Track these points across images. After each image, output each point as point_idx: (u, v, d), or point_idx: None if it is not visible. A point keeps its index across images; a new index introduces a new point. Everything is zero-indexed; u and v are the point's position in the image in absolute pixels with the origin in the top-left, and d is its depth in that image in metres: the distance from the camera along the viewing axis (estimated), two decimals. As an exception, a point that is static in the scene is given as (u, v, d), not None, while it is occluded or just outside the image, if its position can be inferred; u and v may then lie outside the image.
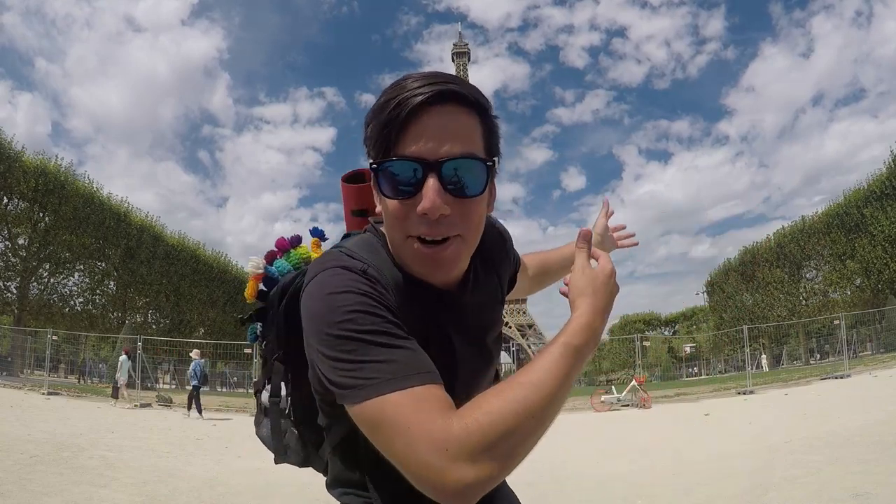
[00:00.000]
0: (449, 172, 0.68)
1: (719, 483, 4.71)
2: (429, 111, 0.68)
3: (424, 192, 0.68)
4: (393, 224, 0.72)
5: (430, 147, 0.68)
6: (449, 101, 0.69)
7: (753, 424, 8.29)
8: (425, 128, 0.68)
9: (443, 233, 0.70)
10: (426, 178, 0.68)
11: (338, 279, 0.68)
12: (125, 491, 4.63)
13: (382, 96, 0.71)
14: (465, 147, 0.69)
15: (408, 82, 0.69)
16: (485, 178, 0.71)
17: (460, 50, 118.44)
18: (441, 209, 0.68)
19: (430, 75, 0.70)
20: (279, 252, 1.02)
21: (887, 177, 25.92)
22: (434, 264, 0.72)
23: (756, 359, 26.48)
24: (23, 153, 24.09)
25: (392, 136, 0.68)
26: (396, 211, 0.70)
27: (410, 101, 0.67)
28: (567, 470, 5.94)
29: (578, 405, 14.79)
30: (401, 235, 0.71)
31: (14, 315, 23.75)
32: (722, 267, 38.34)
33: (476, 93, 0.72)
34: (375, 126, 0.70)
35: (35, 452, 5.82)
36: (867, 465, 4.56)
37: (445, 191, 0.68)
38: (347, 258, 0.72)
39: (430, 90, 0.67)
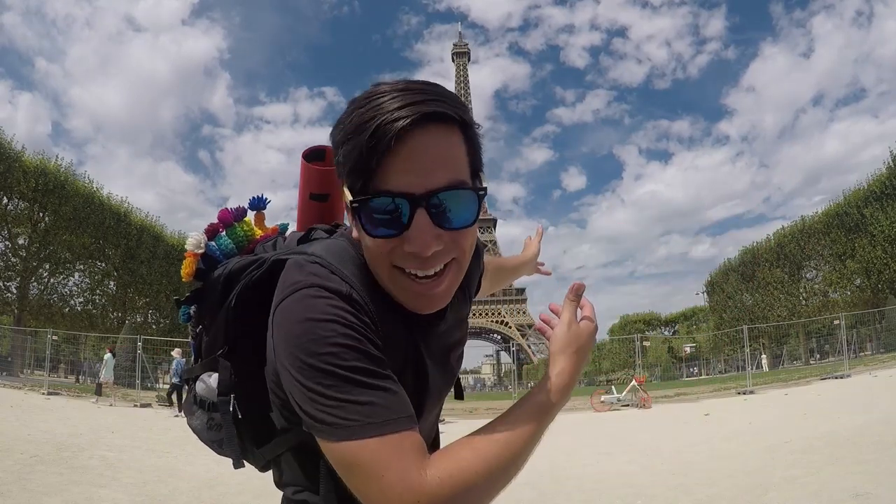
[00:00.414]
0: (438, 205, 0.63)
1: (719, 483, 4.71)
2: (412, 136, 0.60)
3: (413, 231, 0.62)
4: (377, 259, 0.66)
5: (416, 178, 0.62)
6: (432, 122, 0.62)
7: (753, 424, 8.29)
8: (409, 156, 0.61)
9: (435, 266, 0.65)
10: (413, 214, 0.62)
11: (321, 304, 0.62)
12: (125, 491, 4.63)
13: (356, 114, 0.63)
14: (453, 174, 0.64)
15: (384, 101, 0.62)
16: (476, 206, 0.66)
17: (460, 50, 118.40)
18: (432, 248, 0.63)
19: (407, 90, 0.63)
20: (221, 226, 0.93)
21: (887, 177, 25.93)
22: (427, 300, 0.67)
23: (756, 359, 26.48)
24: (23, 153, 24.10)
25: (372, 167, 0.61)
26: (382, 248, 0.64)
27: (391, 126, 0.59)
28: (567, 470, 5.94)
29: (578, 405, 14.80)
30: (387, 270, 0.66)
31: (14, 315, 23.75)
32: (722, 267, 38.35)
33: (460, 108, 0.65)
34: (350, 152, 0.63)
35: (35, 452, 5.82)
36: (867, 465, 4.56)
37: (435, 224, 0.63)
38: (330, 275, 0.66)
39: (412, 112, 0.60)
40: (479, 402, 18.35)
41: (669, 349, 43.36)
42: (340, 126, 0.65)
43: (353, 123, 0.63)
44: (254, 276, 0.76)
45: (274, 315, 0.66)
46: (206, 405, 0.85)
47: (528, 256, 1.34)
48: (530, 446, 0.66)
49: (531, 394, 0.71)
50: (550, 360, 0.76)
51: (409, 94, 0.62)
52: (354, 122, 0.62)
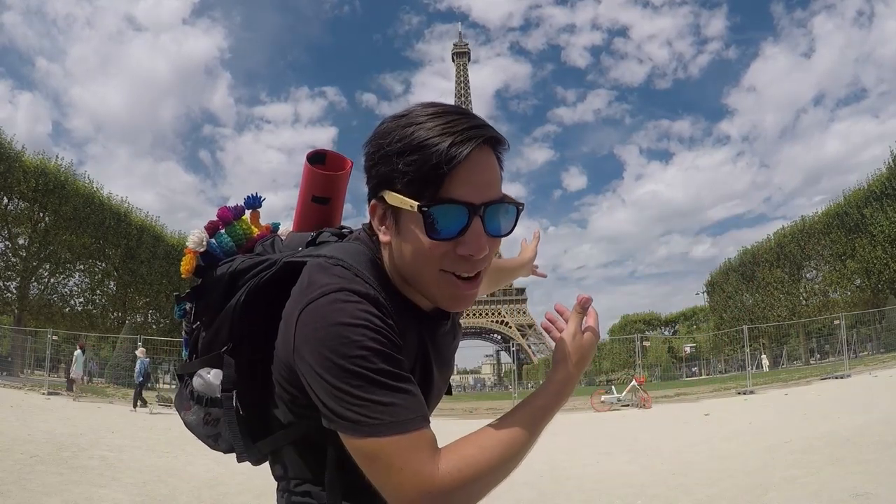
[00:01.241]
0: (489, 214, 0.72)
1: (719, 483, 4.71)
2: (475, 155, 0.70)
3: (470, 235, 0.71)
4: (427, 261, 0.73)
5: (475, 191, 0.71)
6: (486, 145, 0.72)
7: (753, 424, 8.30)
8: (470, 171, 0.70)
9: (478, 269, 0.75)
10: (471, 221, 0.71)
11: (351, 308, 0.67)
12: (125, 491, 4.63)
13: (414, 131, 0.70)
14: (498, 189, 0.74)
15: (441, 122, 0.70)
16: (515, 219, 0.76)
17: (460, 50, 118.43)
18: (485, 252, 0.73)
19: (459, 114, 0.72)
20: (221, 224, 0.95)
21: (887, 177, 25.91)
22: (463, 300, 0.76)
23: (756, 359, 26.48)
24: (23, 153, 24.09)
25: (440, 179, 0.69)
26: (436, 249, 0.71)
27: (462, 146, 0.68)
28: (567, 470, 5.94)
29: (578, 405, 14.80)
30: (434, 272, 0.73)
31: (14, 315, 23.75)
32: (722, 267, 38.37)
33: (505, 139, 0.76)
34: (414, 164, 0.69)
35: (35, 452, 5.82)
36: (867, 465, 4.57)
37: (485, 232, 0.72)
38: (354, 278, 0.71)
39: (477, 134, 0.70)
40: (479, 402, 18.35)
41: (669, 349, 43.34)
42: (390, 137, 0.71)
43: (417, 140, 0.69)
44: (264, 276, 0.80)
45: (300, 316, 0.69)
46: (204, 401, 0.87)
47: (525, 259, 1.38)
48: (528, 446, 0.73)
49: (533, 397, 0.78)
50: (553, 367, 0.83)
51: (465, 119, 0.72)
52: (419, 138, 0.69)
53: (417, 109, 0.73)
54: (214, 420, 0.88)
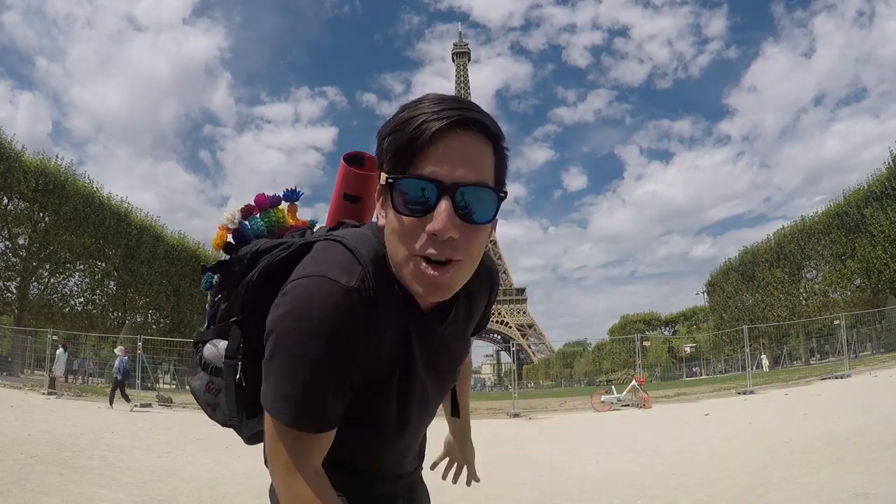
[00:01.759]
0: (461, 197, 0.70)
1: (719, 483, 4.71)
2: (449, 135, 0.70)
3: (436, 213, 0.69)
4: (400, 240, 0.72)
5: (447, 170, 0.70)
6: (469, 128, 0.71)
7: (753, 424, 8.29)
8: (444, 151, 0.70)
9: (448, 255, 0.71)
10: (440, 199, 0.69)
11: (318, 300, 0.71)
12: (125, 491, 4.63)
13: (402, 113, 0.72)
14: (479, 175, 0.72)
15: (428, 104, 0.71)
16: (494, 208, 0.74)
17: (460, 50, 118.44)
18: (451, 231, 0.69)
19: (451, 99, 0.72)
20: (256, 209, 1.01)
21: (887, 177, 25.92)
22: (434, 286, 0.73)
23: (756, 359, 26.48)
24: (23, 153, 24.09)
25: (411, 155, 0.70)
26: (406, 227, 0.71)
27: (433, 122, 0.69)
28: (567, 470, 5.94)
29: (578, 405, 14.81)
30: (405, 253, 0.72)
31: (14, 315, 23.73)
32: (722, 267, 38.38)
33: (494, 124, 0.74)
34: (393, 141, 0.71)
35: (35, 452, 5.82)
36: (867, 465, 4.56)
37: (456, 214, 0.70)
38: (345, 265, 0.74)
39: (453, 114, 0.70)
40: (479, 402, 18.34)
41: (669, 349, 43.37)
42: (387, 123, 0.74)
43: (400, 119, 0.72)
44: (279, 255, 0.84)
45: (285, 288, 0.74)
46: (210, 368, 0.93)
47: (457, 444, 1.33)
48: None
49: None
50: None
51: (453, 102, 0.72)
52: (400, 118, 0.71)
53: (424, 96, 0.74)
54: (216, 390, 0.93)
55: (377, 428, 0.84)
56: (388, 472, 0.96)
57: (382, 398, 0.82)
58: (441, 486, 1.34)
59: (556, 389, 38.43)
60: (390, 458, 0.95)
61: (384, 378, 0.80)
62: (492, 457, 6.84)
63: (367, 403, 0.81)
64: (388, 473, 0.96)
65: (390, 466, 0.96)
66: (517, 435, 9.82)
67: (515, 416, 13.71)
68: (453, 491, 1.55)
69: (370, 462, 0.92)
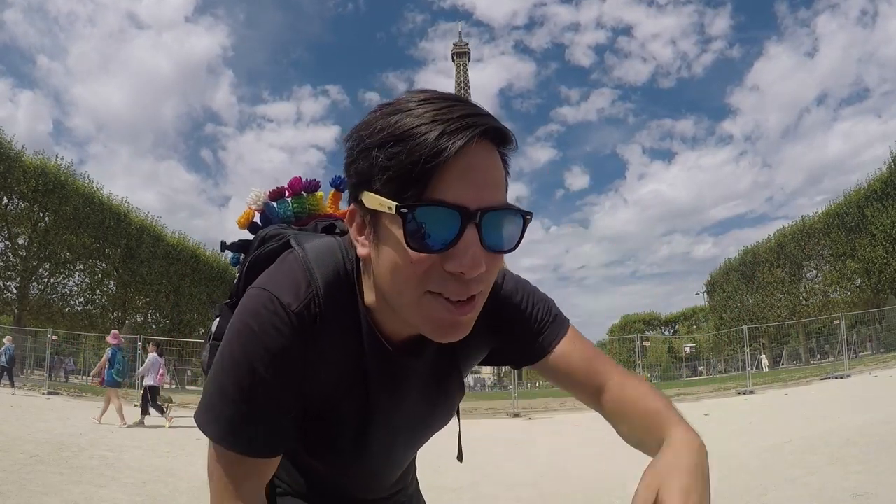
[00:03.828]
0: (487, 223, 0.58)
1: (719, 483, 4.70)
2: (470, 150, 0.57)
3: (462, 246, 0.57)
4: (408, 279, 0.60)
5: (472, 194, 0.57)
6: (486, 139, 0.59)
7: (753, 424, 8.29)
8: (467, 170, 0.57)
9: (472, 291, 0.60)
10: (464, 229, 0.57)
11: (262, 319, 0.65)
12: (125, 491, 4.63)
13: (399, 119, 0.58)
14: (501, 194, 0.61)
15: (431, 109, 0.58)
16: (521, 232, 0.63)
17: (460, 50, 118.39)
18: (481, 268, 0.59)
19: (456, 102, 0.59)
20: (289, 191, 0.97)
21: (888, 176, 25.90)
22: (452, 328, 0.62)
23: (756, 358, 26.47)
24: (23, 153, 24.08)
25: (426, 176, 0.56)
26: (418, 264, 0.58)
27: (456, 137, 0.55)
28: (567, 470, 5.94)
29: (578, 405, 14.74)
30: (414, 293, 0.60)
31: (14, 315, 23.70)
32: (722, 267, 38.35)
33: (512, 133, 0.62)
34: (393, 157, 0.57)
35: (35, 452, 5.82)
36: (867, 465, 4.56)
37: (482, 245, 0.58)
38: (294, 284, 0.67)
39: (476, 125, 0.57)
40: (478, 402, 18.34)
41: (669, 349, 43.37)
42: (372, 128, 0.59)
43: (400, 129, 0.57)
44: (268, 247, 0.82)
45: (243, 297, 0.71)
46: (209, 339, 0.92)
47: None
48: None
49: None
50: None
51: (462, 106, 0.59)
52: (403, 126, 0.57)
53: (407, 96, 0.61)
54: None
55: (336, 456, 0.80)
56: (359, 495, 0.94)
57: (338, 428, 0.76)
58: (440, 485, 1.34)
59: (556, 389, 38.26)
60: (359, 483, 0.91)
61: (335, 408, 0.74)
62: (492, 457, 6.84)
63: (322, 433, 0.76)
64: (360, 496, 0.94)
65: (362, 491, 0.93)
66: (517, 435, 9.81)
67: (515, 416, 13.71)
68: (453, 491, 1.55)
69: (336, 486, 0.90)
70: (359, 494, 0.93)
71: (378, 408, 0.76)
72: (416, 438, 0.88)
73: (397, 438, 0.84)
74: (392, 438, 0.82)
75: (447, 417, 0.88)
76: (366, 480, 0.90)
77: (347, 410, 0.75)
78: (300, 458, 0.86)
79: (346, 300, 0.70)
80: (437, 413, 0.85)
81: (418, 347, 0.75)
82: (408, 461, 0.96)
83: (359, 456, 0.81)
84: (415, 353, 0.75)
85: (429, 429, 0.88)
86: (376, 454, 0.83)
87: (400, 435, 0.83)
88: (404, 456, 0.91)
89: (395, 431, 0.82)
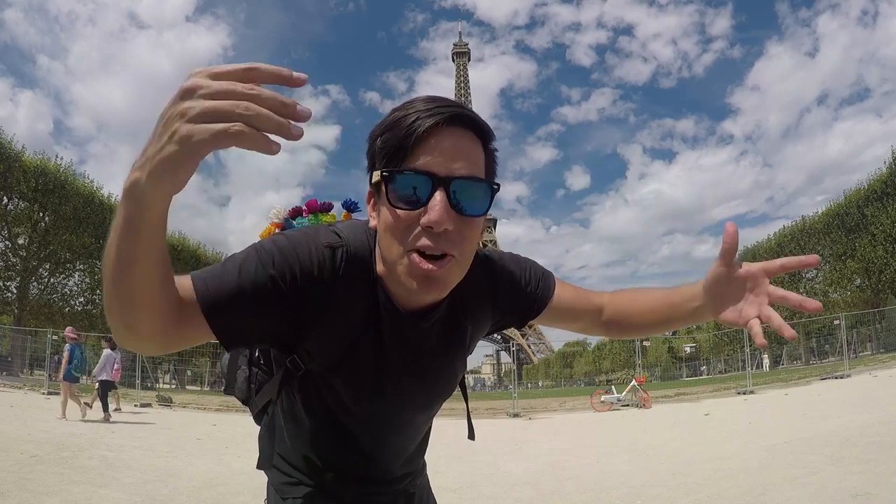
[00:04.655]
0: (456, 190, 0.72)
1: (719, 483, 4.71)
2: (442, 131, 0.72)
3: (431, 204, 0.70)
4: (393, 235, 0.74)
5: (441, 164, 0.71)
6: (460, 125, 0.74)
7: (753, 424, 8.29)
8: (438, 145, 0.72)
9: (442, 248, 0.72)
10: (434, 192, 0.71)
11: (304, 241, 0.77)
12: (125, 491, 4.63)
13: (394, 113, 0.74)
14: (472, 169, 0.74)
15: (420, 103, 0.74)
16: (487, 201, 0.75)
17: (460, 50, 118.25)
18: (446, 223, 0.71)
19: (440, 99, 0.75)
20: (306, 211, 1.10)
21: (888, 176, 25.89)
22: (428, 279, 0.74)
23: (757, 358, 26.46)
24: (23, 153, 24.08)
25: (404, 151, 0.71)
26: (400, 221, 0.72)
27: (426, 118, 0.71)
28: (567, 470, 5.93)
29: (578, 405, 14.81)
30: (399, 249, 0.74)
31: (14, 315, 23.71)
32: (722, 267, 38.26)
33: (485, 123, 0.77)
34: (387, 140, 0.73)
35: (35, 452, 5.82)
36: (867, 465, 4.56)
37: (451, 207, 0.71)
38: (330, 239, 0.80)
39: (446, 111, 0.72)
40: (478, 401, 18.34)
41: (669, 349, 43.36)
42: (379, 124, 0.76)
43: (392, 119, 0.74)
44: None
45: None
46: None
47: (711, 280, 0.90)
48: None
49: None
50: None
51: (444, 101, 0.75)
52: (392, 118, 0.74)
53: (413, 98, 0.77)
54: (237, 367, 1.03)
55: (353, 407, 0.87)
56: (368, 472, 0.97)
57: (353, 378, 0.84)
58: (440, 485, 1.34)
59: (555, 389, 38.43)
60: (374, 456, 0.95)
61: (350, 358, 0.83)
62: (492, 457, 6.84)
63: (329, 377, 0.84)
64: (369, 475, 0.97)
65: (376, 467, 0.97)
66: (517, 435, 9.81)
67: (515, 416, 13.71)
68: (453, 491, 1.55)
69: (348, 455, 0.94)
70: (372, 473, 0.97)
71: (389, 365, 0.85)
72: (424, 404, 0.95)
73: (407, 400, 0.91)
74: (403, 399, 0.90)
75: (451, 384, 0.97)
76: (381, 451, 0.96)
77: (362, 363, 0.84)
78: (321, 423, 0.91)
79: (367, 266, 0.82)
80: (443, 377, 0.94)
81: (427, 313, 0.85)
82: (418, 434, 1.01)
83: (374, 414, 0.89)
84: (424, 318, 0.85)
85: (436, 396, 0.95)
86: (389, 414, 0.91)
87: (410, 396, 0.91)
88: (415, 421, 0.97)
89: (406, 392, 0.89)
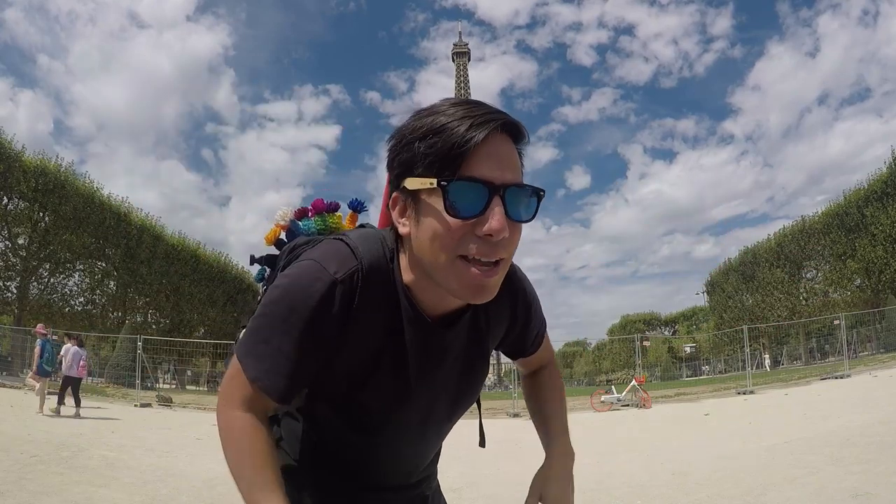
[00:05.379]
0: (510, 197, 0.73)
1: (719, 483, 4.71)
2: (494, 139, 0.72)
3: (491, 213, 0.71)
4: (443, 244, 0.73)
5: (497, 173, 0.72)
6: (507, 132, 0.75)
7: (753, 424, 8.29)
8: (492, 154, 0.72)
9: (498, 255, 0.74)
10: (491, 200, 0.71)
11: (305, 279, 0.77)
12: (125, 491, 4.63)
13: (432, 118, 0.73)
14: (518, 176, 0.76)
15: (461, 109, 0.73)
16: (536, 206, 0.77)
17: (460, 50, 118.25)
18: (506, 232, 0.72)
19: (482, 104, 0.75)
20: (312, 212, 1.08)
21: (888, 176, 25.89)
22: (481, 287, 0.74)
23: (757, 358, 26.47)
24: (23, 153, 24.07)
25: (459, 159, 0.71)
26: (454, 230, 0.72)
27: (481, 126, 0.71)
28: (567, 470, 5.93)
29: (578, 405, 14.80)
30: (450, 255, 0.73)
31: (14, 315, 23.71)
32: (722, 267, 38.34)
33: (526, 130, 0.79)
34: (433, 146, 0.72)
35: (35, 452, 5.82)
36: (867, 465, 4.56)
37: (506, 214, 0.72)
38: (340, 256, 0.79)
39: (497, 118, 0.73)
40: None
41: (669, 349, 43.37)
42: (413, 128, 0.75)
43: (436, 124, 0.72)
44: (307, 247, 0.91)
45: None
46: None
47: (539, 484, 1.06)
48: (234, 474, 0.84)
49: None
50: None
51: (487, 107, 0.75)
52: (438, 123, 0.72)
53: (439, 102, 0.77)
54: None
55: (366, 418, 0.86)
56: (387, 480, 0.97)
57: (367, 393, 0.84)
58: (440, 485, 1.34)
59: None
60: (397, 462, 0.96)
61: (374, 375, 0.83)
62: (492, 457, 6.84)
63: (354, 393, 0.84)
64: (388, 482, 0.97)
65: (397, 474, 0.97)
66: (517, 435, 9.81)
67: (515, 416, 13.71)
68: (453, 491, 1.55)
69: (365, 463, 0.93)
70: (391, 480, 0.97)
71: (414, 376, 0.85)
72: (448, 414, 0.95)
73: (432, 407, 0.91)
74: (427, 407, 0.90)
75: (474, 393, 0.97)
76: (401, 460, 0.96)
77: (385, 378, 0.83)
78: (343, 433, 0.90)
79: (386, 278, 0.81)
80: (466, 385, 0.94)
81: (452, 320, 0.85)
82: (440, 439, 1.01)
83: (397, 426, 0.88)
84: (449, 326, 0.85)
85: (459, 403, 0.95)
86: (412, 425, 0.90)
87: (434, 403, 0.90)
88: (437, 431, 0.96)
89: (430, 400, 0.89)
